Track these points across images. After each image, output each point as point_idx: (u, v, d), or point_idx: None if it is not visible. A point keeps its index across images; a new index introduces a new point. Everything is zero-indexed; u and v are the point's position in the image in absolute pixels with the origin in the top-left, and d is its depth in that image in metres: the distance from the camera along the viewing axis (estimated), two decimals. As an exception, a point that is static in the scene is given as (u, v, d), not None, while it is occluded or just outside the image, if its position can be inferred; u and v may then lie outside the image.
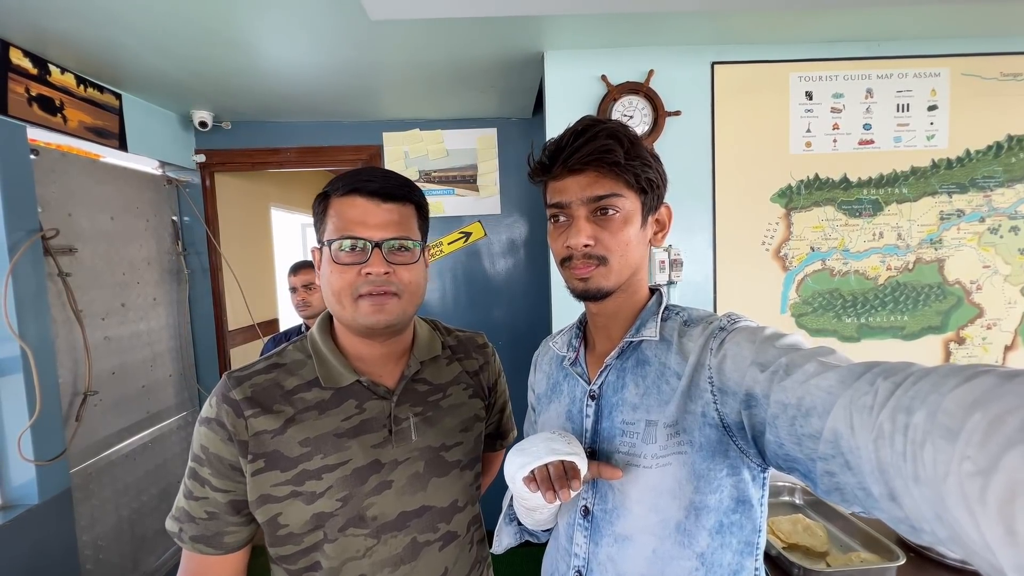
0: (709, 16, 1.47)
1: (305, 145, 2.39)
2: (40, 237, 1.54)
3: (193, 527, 0.66)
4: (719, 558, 0.59)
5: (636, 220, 0.63)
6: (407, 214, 0.70)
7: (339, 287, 0.66)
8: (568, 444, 0.59)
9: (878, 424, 0.37)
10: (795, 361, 0.48)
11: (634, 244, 0.63)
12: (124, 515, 1.92)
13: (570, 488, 0.56)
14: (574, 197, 0.62)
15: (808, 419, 0.44)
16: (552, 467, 0.57)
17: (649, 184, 0.63)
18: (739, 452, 0.57)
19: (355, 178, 0.67)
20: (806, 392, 0.45)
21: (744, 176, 1.69)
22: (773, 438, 0.49)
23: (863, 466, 0.38)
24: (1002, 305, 1.72)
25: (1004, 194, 1.70)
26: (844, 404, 0.41)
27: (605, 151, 0.59)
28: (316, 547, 0.67)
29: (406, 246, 0.68)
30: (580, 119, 0.64)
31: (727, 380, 0.55)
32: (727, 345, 0.57)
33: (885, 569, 1.00)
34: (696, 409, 0.58)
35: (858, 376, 0.41)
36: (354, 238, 0.65)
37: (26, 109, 1.50)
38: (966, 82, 1.68)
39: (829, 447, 0.42)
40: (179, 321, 2.30)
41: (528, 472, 0.58)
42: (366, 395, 0.71)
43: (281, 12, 1.36)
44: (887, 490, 0.37)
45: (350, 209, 0.66)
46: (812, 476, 0.45)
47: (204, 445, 0.66)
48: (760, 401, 0.51)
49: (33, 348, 1.46)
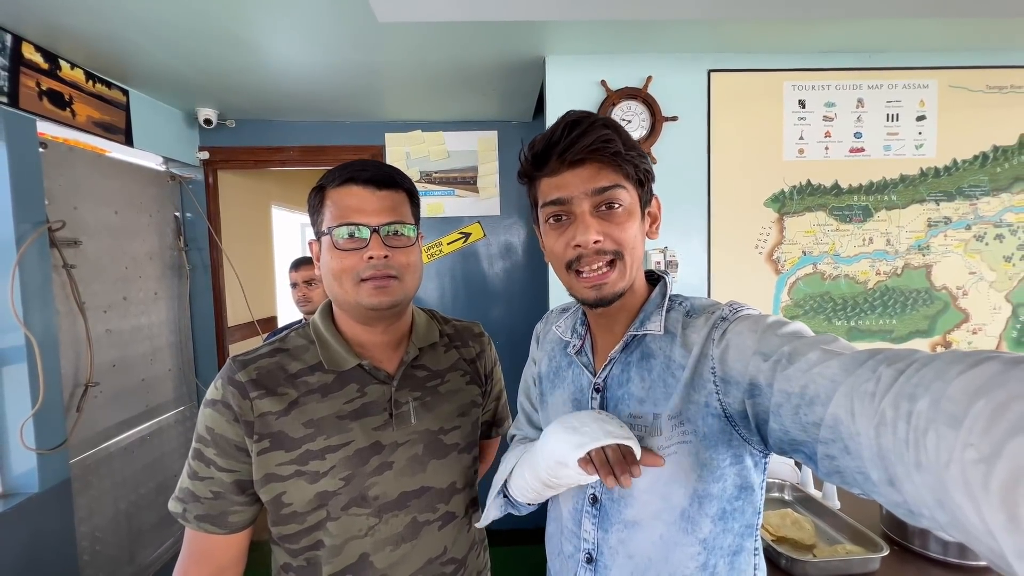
0: (706, 25, 1.52)
1: (308, 144, 2.42)
2: (47, 229, 1.56)
3: (198, 507, 0.68)
4: (720, 542, 0.61)
5: (638, 213, 0.62)
6: (400, 200, 0.73)
7: (340, 271, 0.69)
8: (621, 427, 0.57)
9: (880, 411, 0.37)
10: (798, 349, 0.48)
11: (639, 238, 0.62)
12: (122, 508, 1.93)
13: (631, 474, 0.54)
14: (576, 191, 0.59)
15: (812, 407, 0.44)
16: (610, 450, 0.56)
17: (646, 175, 0.62)
18: (742, 440, 0.57)
19: (350, 169, 0.71)
20: (809, 380, 0.45)
21: (739, 181, 1.74)
22: (777, 426, 0.49)
23: (863, 452, 0.39)
24: (988, 311, 1.77)
25: (990, 203, 1.75)
26: (845, 391, 0.41)
27: (605, 141, 0.57)
28: (319, 526, 0.69)
29: (402, 231, 0.72)
30: (566, 113, 0.61)
31: (730, 370, 0.54)
32: (729, 335, 0.56)
33: (869, 560, 1.03)
34: (699, 399, 0.58)
35: (861, 363, 0.41)
36: (353, 224, 0.68)
37: (37, 103, 1.52)
38: (953, 94, 1.73)
39: (829, 432, 0.42)
40: (179, 316, 2.32)
41: (584, 453, 0.56)
42: (367, 379, 0.74)
43: (288, 12, 1.39)
44: (887, 476, 0.37)
45: (347, 197, 0.70)
46: (814, 458, 0.46)
47: (209, 426, 0.68)
48: (764, 390, 0.50)
49: (38, 338, 1.48)
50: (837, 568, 1.03)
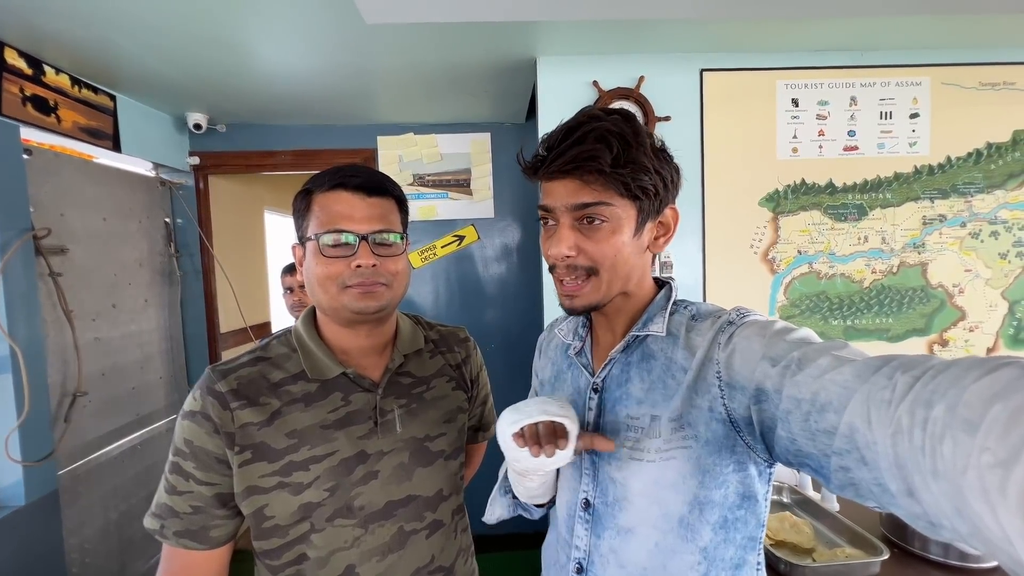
0: (698, 24, 1.51)
1: (300, 148, 2.40)
2: (32, 237, 1.53)
3: (177, 522, 0.66)
4: (722, 552, 0.59)
5: (627, 228, 0.59)
6: (389, 207, 0.72)
7: (325, 277, 0.67)
8: (561, 407, 0.58)
9: (896, 418, 0.36)
10: (808, 355, 0.47)
11: (626, 253, 0.60)
12: (112, 518, 1.90)
13: (556, 447, 0.56)
14: (558, 203, 0.59)
15: (823, 414, 0.43)
16: (542, 426, 0.58)
17: (643, 191, 0.57)
18: (746, 448, 0.56)
19: (339, 174, 0.69)
20: (821, 387, 0.44)
21: (732, 181, 1.73)
22: (785, 433, 0.48)
23: (880, 461, 0.38)
24: (984, 308, 1.76)
25: (984, 200, 1.75)
26: (861, 399, 0.40)
27: (588, 158, 0.55)
28: (302, 539, 0.68)
29: (390, 239, 0.71)
30: (578, 111, 0.59)
31: (736, 375, 0.54)
32: (736, 339, 0.55)
33: (869, 563, 1.02)
34: (703, 404, 0.57)
35: (875, 370, 0.40)
36: (341, 231, 0.67)
37: (20, 109, 1.50)
38: (946, 91, 1.73)
39: (844, 442, 0.41)
40: (170, 323, 2.29)
41: (518, 428, 0.58)
42: (351, 388, 0.72)
43: (276, 15, 1.37)
44: (905, 486, 0.36)
45: (336, 204, 0.68)
46: (825, 472, 0.45)
47: (188, 439, 0.66)
48: (771, 396, 0.49)
49: (23, 348, 1.45)
50: (837, 572, 1.02)
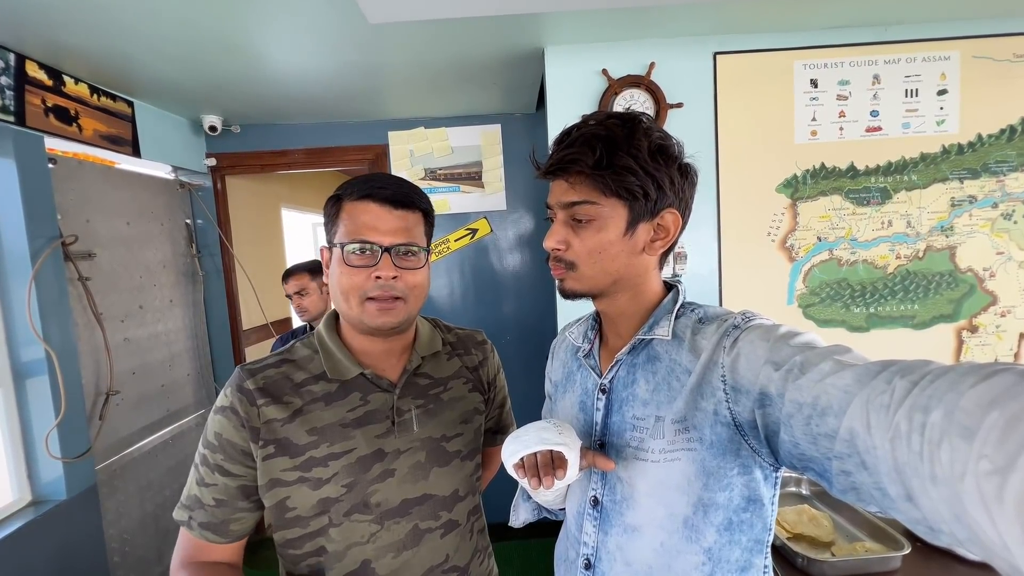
0: (711, 6, 1.46)
1: (312, 146, 2.42)
2: (60, 243, 1.59)
3: (203, 513, 0.70)
4: (727, 554, 0.60)
5: (614, 227, 0.61)
6: (415, 221, 0.73)
7: (348, 288, 0.70)
8: (559, 434, 0.59)
9: (895, 423, 0.36)
10: (810, 359, 0.48)
11: (613, 252, 0.61)
12: (148, 510, 1.99)
13: (554, 477, 0.58)
14: (554, 200, 0.64)
15: (824, 418, 0.44)
16: (540, 455, 0.59)
17: (628, 192, 0.59)
18: (751, 451, 0.57)
19: (369, 184, 0.71)
20: (822, 391, 0.44)
21: (748, 167, 1.68)
22: (788, 437, 0.49)
23: (879, 466, 0.38)
24: (1016, 292, 1.69)
25: (1018, 178, 1.66)
26: (861, 403, 0.40)
27: (570, 160, 0.60)
28: (322, 531, 0.71)
29: (413, 251, 0.72)
30: (582, 117, 0.64)
31: (740, 378, 0.54)
32: (741, 343, 0.56)
33: (890, 558, 1.00)
34: (707, 407, 0.58)
35: (875, 375, 0.41)
36: (366, 242, 0.69)
37: (43, 120, 1.55)
38: (977, 65, 1.64)
39: (845, 446, 0.42)
40: (195, 322, 2.36)
41: (518, 459, 0.60)
42: (370, 388, 0.75)
43: (285, 19, 1.38)
44: (904, 490, 0.36)
45: (363, 214, 0.70)
46: (827, 475, 0.45)
47: (218, 432, 0.70)
48: (774, 400, 0.50)
49: (57, 350, 1.52)
50: (856, 567, 1.01)
